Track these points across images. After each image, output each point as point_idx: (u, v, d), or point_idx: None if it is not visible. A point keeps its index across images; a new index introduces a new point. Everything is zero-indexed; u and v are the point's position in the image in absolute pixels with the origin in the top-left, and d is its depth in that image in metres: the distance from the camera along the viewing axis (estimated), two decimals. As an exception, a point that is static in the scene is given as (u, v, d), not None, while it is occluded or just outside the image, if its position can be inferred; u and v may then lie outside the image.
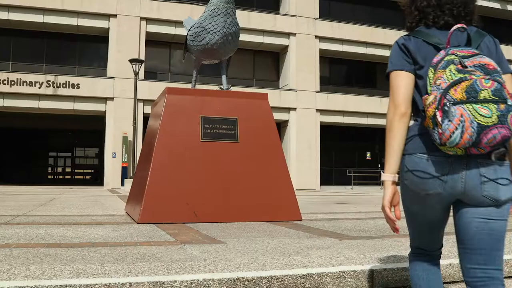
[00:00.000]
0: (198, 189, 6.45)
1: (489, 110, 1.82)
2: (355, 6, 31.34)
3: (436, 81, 1.93)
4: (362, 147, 30.30)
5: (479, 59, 1.93)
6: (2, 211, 7.93)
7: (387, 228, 5.82)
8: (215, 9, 7.06)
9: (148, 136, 7.73)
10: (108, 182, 24.34)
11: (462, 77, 1.88)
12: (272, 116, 7.30)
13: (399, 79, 2.12)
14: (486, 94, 1.83)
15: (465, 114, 1.83)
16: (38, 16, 24.28)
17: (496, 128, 1.82)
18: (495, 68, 1.91)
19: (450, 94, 1.87)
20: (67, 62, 25.94)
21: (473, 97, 1.84)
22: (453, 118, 1.84)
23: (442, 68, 1.94)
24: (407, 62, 2.14)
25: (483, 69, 1.90)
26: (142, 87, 24.15)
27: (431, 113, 1.91)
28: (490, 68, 1.90)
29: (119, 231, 5.38)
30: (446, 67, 1.93)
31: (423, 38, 2.15)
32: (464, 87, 1.85)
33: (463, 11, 2.18)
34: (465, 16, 2.18)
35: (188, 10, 25.43)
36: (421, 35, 2.16)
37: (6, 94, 23.40)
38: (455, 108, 1.84)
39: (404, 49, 2.17)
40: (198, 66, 7.93)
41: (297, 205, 6.91)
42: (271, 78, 29.40)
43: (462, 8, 2.17)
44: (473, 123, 1.82)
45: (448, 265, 3.60)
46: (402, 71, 2.13)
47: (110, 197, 13.65)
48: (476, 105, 1.83)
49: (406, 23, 2.38)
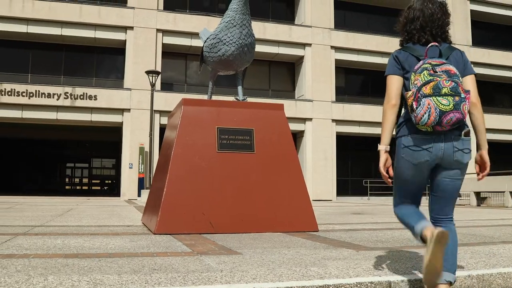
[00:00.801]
0: (214, 199, 6.45)
1: (448, 100, 2.78)
2: (370, 16, 31.33)
3: (414, 82, 2.90)
4: (378, 157, 30.13)
5: (445, 66, 2.89)
6: (20, 222, 8.00)
7: (404, 239, 5.77)
8: (231, 20, 7.09)
9: (164, 147, 7.76)
10: (124, 192, 24.47)
11: (431, 78, 2.83)
12: (288, 126, 7.29)
13: (392, 81, 3.09)
14: (446, 90, 2.79)
15: (431, 103, 2.79)
16: (57, 29, 24.61)
17: (452, 112, 2.79)
18: (455, 73, 2.87)
19: (422, 90, 2.84)
20: (84, 74, 26.21)
21: (437, 92, 2.80)
22: (423, 106, 2.81)
23: (419, 72, 2.90)
24: (398, 69, 3.11)
25: (447, 73, 2.85)
26: (158, 98, 24.31)
27: (410, 103, 2.91)
28: (452, 73, 2.86)
29: (136, 241, 5.40)
30: (422, 72, 2.89)
31: (409, 52, 3.11)
32: (432, 85, 2.82)
33: (439, 32, 3.13)
34: (441, 35, 3.14)
35: (204, 22, 25.61)
36: (408, 50, 3.12)
37: (25, 106, 23.70)
38: (424, 99, 2.82)
39: (396, 59, 3.13)
40: (214, 77, 7.96)
41: (314, 216, 6.88)
42: (286, 88, 29.42)
43: (438, 30, 3.13)
44: (436, 109, 2.78)
45: (467, 276, 3.56)
46: (394, 75, 3.10)
47: (127, 208, 13.70)
48: (439, 97, 2.79)
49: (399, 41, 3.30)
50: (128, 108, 24.76)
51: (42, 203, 15.82)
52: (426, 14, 3.12)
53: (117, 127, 26.46)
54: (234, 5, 7.11)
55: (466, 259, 4.24)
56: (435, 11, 3.12)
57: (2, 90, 23.28)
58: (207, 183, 6.51)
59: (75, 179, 52.71)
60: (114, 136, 29.58)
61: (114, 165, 48.04)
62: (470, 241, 5.76)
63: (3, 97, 23.30)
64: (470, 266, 3.88)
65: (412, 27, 3.16)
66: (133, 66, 24.99)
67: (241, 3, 7.06)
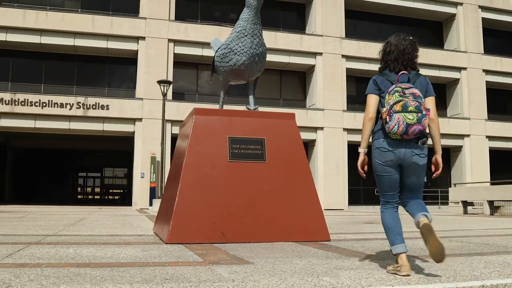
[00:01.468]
0: (226, 209, 6.45)
1: (413, 116, 3.68)
2: (381, 25, 31.31)
3: (388, 101, 3.81)
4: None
5: (412, 90, 3.80)
6: (33, 231, 8.05)
7: (417, 249, 5.74)
8: (242, 30, 7.12)
9: (176, 157, 7.78)
10: (136, 202, 24.54)
11: (401, 99, 3.73)
12: (299, 135, 7.29)
13: (371, 99, 4.04)
14: (412, 108, 3.69)
15: (400, 118, 3.69)
16: (69, 40, 24.83)
17: (416, 125, 3.69)
18: (419, 95, 3.78)
19: (394, 107, 3.73)
20: (97, 84, 26.40)
21: (405, 109, 3.69)
22: (394, 119, 3.71)
23: (392, 94, 3.81)
24: (375, 89, 4.04)
25: (413, 95, 3.76)
26: (170, 108, 24.41)
27: (384, 117, 3.81)
28: (417, 95, 3.77)
29: (147, 251, 5.40)
30: (394, 93, 3.80)
31: (385, 77, 4.04)
32: (401, 104, 3.71)
33: (409, 63, 4.05)
34: (410, 65, 4.05)
35: (215, 32, 25.70)
36: (385, 75, 4.06)
37: (38, 116, 23.89)
38: (395, 115, 3.71)
39: (375, 82, 4.07)
40: (225, 87, 7.98)
41: (325, 225, 6.86)
42: (298, 97, 29.43)
43: (408, 62, 4.04)
44: (404, 122, 3.68)
45: (481, 286, 3.53)
46: (373, 94, 4.05)
47: (139, 217, 13.74)
48: (406, 113, 3.69)
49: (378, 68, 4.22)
50: (140, 117, 24.88)
51: (55, 213, 15.90)
52: (400, 49, 4.03)
53: (129, 136, 26.58)
54: (245, 15, 7.14)
55: (480, 268, 4.20)
56: (407, 47, 4.04)
57: (15, 100, 23.50)
58: (219, 193, 6.51)
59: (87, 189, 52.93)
60: (126, 146, 29.71)
61: (126, 174, 48.21)
62: (484, 250, 5.71)
63: (16, 107, 23.52)
64: (484, 276, 3.85)
65: (389, 58, 4.08)
66: (145, 76, 25.14)
67: (252, 13, 7.09)
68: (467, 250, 5.71)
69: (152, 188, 24.28)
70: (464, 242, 6.71)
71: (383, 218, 4.02)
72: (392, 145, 3.83)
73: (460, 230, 9.50)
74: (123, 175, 49.95)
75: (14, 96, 23.56)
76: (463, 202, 19.12)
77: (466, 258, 4.94)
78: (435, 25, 32.61)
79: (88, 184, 53.08)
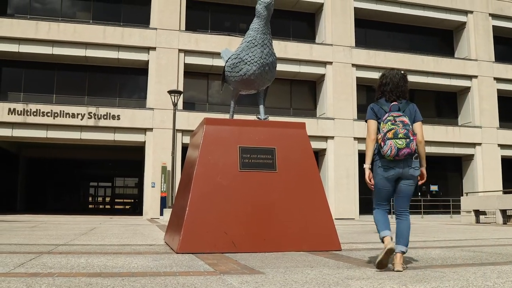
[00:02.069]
0: (236, 219, 6.45)
1: (402, 141, 4.47)
2: (391, 34, 31.32)
3: (382, 129, 4.63)
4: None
5: (401, 118, 4.60)
6: (44, 240, 8.08)
7: (428, 258, 5.70)
8: (252, 40, 7.14)
9: (186, 166, 7.80)
10: (147, 211, 24.59)
11: (392, 127, 4.53)
12: (309, 145, 7.29)
13: (371, 123, 4.83)
14: (401, 135, 4.48)
15: (392, 143, 4.49)
16: (81, 50, 25.05)
17: (405, 149, 4.48)
18: (408, 123, 4.58)
19: (387, 135, 4.54)
20: (108, 94, 26.57)
21: (396, 136, 4.48)
22: (387, 145, 4.51)
23: (385, 122, 4.62)
24: (374, 115, 4.84)
25: (402, 123, 4.56)
26: (180, 118, 24.49)
27: (379, 142, 4.62)
28: (405, 123, 4.57)
29: (158, 261, 5.41)
30: (387, 122, 4.61)
31: (380, 106, 4.85)
32: (392, 132, 4.51)
33: (401, 94, 4.88)
34: (402, 96, 4.88)
35: (226, 42, 25.83)
36: (380, 104, 4.87)
37: (50, 126, 24.07)
38: (388, 141, 4.51)
39: (372, 110, 4.88)
40: (236, 97, 8.00)
41: (336, 235, 6.84)
42: (308, 107, 29.43)
43: (400, 94, 4.87)
44: (395, 147, 4.47)
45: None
46: (372, 119, 4.85)
47: (149, 227, 13.76)
48: (397, 139, 4.47)
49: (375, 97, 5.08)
50: (151, 127, 24.98)
51: (66, 222, 15.97)
52: (394, 82, 4.87)
53: (140, 146, 26.69)
54: (255, 25, 7.17)
55: (493, 278, 4.16)
56: (400, 81, 4.88)
57: (28, 111, 23.70)
58: (229, 202, 6.51)
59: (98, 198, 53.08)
60: (137, 155, 29.83)
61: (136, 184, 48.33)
62: (497, 260, 5.66)
63: (28, 117, 23.71)
64: (497, 286, 3.82)
65: (385, 89, 4.92)
66: (155, 86, 25.26)
67: (262, 23, 7.12)
68: (480, 260, 5.66)
69: (162, 198, 24.32)
70: (476, 252, 6.65)
71: (375, 215, 4.88)
72: (391, 163, 4.66)
73: (472, 239, 9.42)
74: (134, 185, 50.03)
75: (26, 107, 23.76)
76: (475, 211, 18.97)
77: (479, 268, 4.89)
78: (445, 34, 32.54)
79: (99, 194, 53.21)
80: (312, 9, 29.68)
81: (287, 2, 28.44)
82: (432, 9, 30.60)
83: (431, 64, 29.82)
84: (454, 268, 4.88)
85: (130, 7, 27.54)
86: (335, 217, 23.48)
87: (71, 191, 46.68)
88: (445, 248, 7.34)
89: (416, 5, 30.25)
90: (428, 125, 29.30)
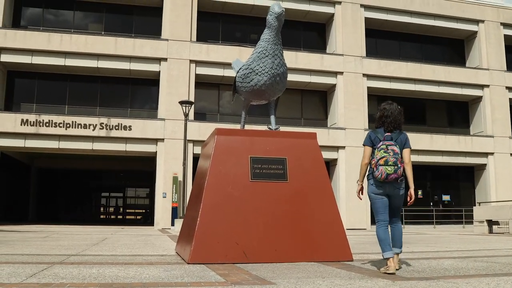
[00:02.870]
0: (248, 229, 6.44)
1: (391, 168, 5.37)
2: (402, 43, 31.28)
3: (376, 155, 5.50)
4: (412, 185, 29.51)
5: (392, 147, 5.45)
6: (56, 251, 8.12)
7: (441, 269, 5.66)
8: (263, 50, 7.17)
9: (198, 177, 7.81)
10: (158, 222, 24.62)
11: (385, 155, 5.41)
12: (321, 155, 7.28)
13: (367, 149, 5.68)
14: (391, 163, 5.37)
15: (383, 169, 5.39)
16: (93, 61, 25.25)
17: (393, 174, 5.37)
18: (397, 152, 5.44)
19: (379, 161, 5.43)
20: (119, 104, 26.72)
21: (386, 163, 5.38)
22: (379, 170, 5.41)
23: (379, 150, 5.49)
24: (370, 142, 5.67)
25: (393, 151, 5.43)
26: (191, 128, 24.56)
27: (373, 167, 5.52)
28: (396, 152, 5.44)
29: (169, 271, 5.41)
30: (380, 150, 5.48)
31: (376, 134, 5.66)
32: (384, 159, 5.40)
33: (398, 126, 5.67)
34: (397, 127, 5.68)
35: (236, 52, 25.91)
36: (377, 133, 5.68)
37: (62, 137, 24.22)
38: (380, 167, 5.41)
39: (370, 137, 5.70)
40: (247, 107, 8.02)
41: (348, 245, 6.81)
42: (319, 117, 29.41)
43: (396, 125, 5.66)
44: (385, 172, 5.38)
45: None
46: (368, 146, 5.68)
47: (161, 237, 13.77)
48: (387, 166, 5.37)
49: (374, 125, 5.87)
50: (162, 138, 25.07)
51: (78, 232, 16.03)
52: (394, 116, 5.68)
53: (151, 156, 26.77)
54: (266, 36, 7.20)
55: (506, 290, 4.12)
56: (398, 115, 5.72)
57: (40, 122, 23.87)
58: (241, 213, 6.52)
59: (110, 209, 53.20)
60: (148, 166, 29.91)
61: (148, 194, 48.43)
62: (511, 271, 5.61)
63: (41, 128, 23.88)
64: (511, 297, 3.77)
65: (385, 120, 5.71)
66: (166, 96, 25.37)
67: (272, 33, 7.14)
68: (493, 271, 5.61)
69: (174, 208, 24.33)
70: (490, 262, 6.59)
71: (378, 232, 5.59)
72: (382, 183, 5.54)
73: (485, 249, 9.34)
74: (145, 195, 50.13)
75: (39, 118, 23.95)
76: (488, 221, 18.82)
77: (492, 279, 4.85)
78: (456, 43, 32.44)
79: (110, 204, 53.34)
80: (322, 19, 29.74)
81: (298, 12, 28.52)
82: (443, 19, 30.54)
83: (442, 74, 29.72)
84: (467, 279, 4.84)
85: (141, 18, 27.75)
86: (347, 227, 23.36)
87: (82, 202, 46.85)
88: (458, 258, 7.28)
89: (426, 15, 30.22)
90: (440, 135, 29.16)
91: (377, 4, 29.43)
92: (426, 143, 28.40)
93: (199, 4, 27.14)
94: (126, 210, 52.09)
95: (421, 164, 28.98)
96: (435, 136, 28.86)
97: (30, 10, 27.20)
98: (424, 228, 26.07)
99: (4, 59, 24.59)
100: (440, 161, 29.11)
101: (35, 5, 27.03)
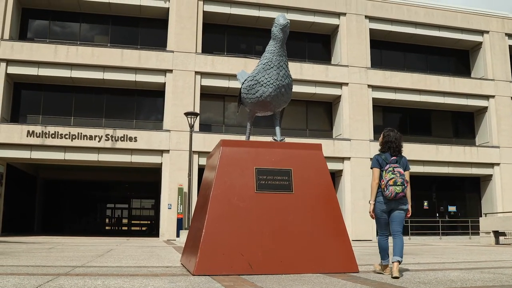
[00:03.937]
0: (253, 240, 6.43)
1: (399, 188, 6.21)
2: (407, 54, 31.32)
3: (385, 176, 6.35)
4: (418, 195, 29.40)
5: (398, 169, 6.36)
6: (62, 262, 8.12)
7: (447, 280, 5.63)
8: (268, 62, 7.20)
9: (203, 188, 7.82)
10: (163, 233, 24.60)
11: (393, 176, 6.27)
12: (326, 166, 7.28)
13: (375, 171, 6.55)
14: (399, 183, 6.22)
15: (392, 189, 6.22)
16: (99, 73, 25.38)
17: (400, 193, 6.23)
18: (403, 173, 6.32)
19: (388, 182, 6.27)
20: (125, 116, 26.82)
21: (395, 184, 6.22)
22: (389, 190, 6.25)
23: (387, 172, 6.35)
24: (378, 165, 6.55)
25: (399, 173, 6.29)
26: (197, 139, 24.60)
27: (383, 187, 6.38)
28: (401, 173, 6.30)
29: (175, 282, 5.40)
30: (388, 172, 6.34)
31: (383, 158, 6.55)
32: (393, 180, 6.24)
33: (399, 149, 6.59)
34: (399, 151, 6.59)
35: (242, 64, 26.00)
36: (383, 156, 6.56)
37: (68, 148, 24.30)
38: (389, 187, 6.25)
39: (377, 160, 6.57)
40: (252, 118, 8.04)
41: (354, 256, 6.79)
42: (324, 128, 29.41)
43: (398, 149, 6.57)
44: (394, 192, 6.22)
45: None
46: (376, 168, 6.55)
47: (166, 249, 13.76)
48: (396, 186, 6.21)
49: (378, 150, 6.75)
50: (167, 149, 25.11)
51: (83, 244, 16.02)
52: (397, 141, 6.54)
53: (157, 168, 26.81)
54: (271, 47, 7.23)
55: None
56: (398, 141, 6.57)
57: (46, 133, 23.97)
58: (246, 224, 6.51)
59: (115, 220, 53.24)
60: (154, 177, 29.95)
61: (153, 205, 48.46)
62: (518, 283, 5.56)
63: (47, 139, 23.97)
64: (518, 309, 3.75)
65: (390, 145, 6.54)
66: (172, 108, 25.45)
67: (278, 45, 7.17)
68: (500, 282, 5.58)
69: (179, 219, 24.33)
70: (496, 274, 6.55)
71: (379, 242, 6.59)
72: (387, 201, 6.38)
73: (492, 261, 9.28)
74: (151, 206, 50.20)
75: (45, 129, 24.05)
76: (494, 232, 18.72)
77: (499, 291, 4.82)
78: (461, 54, 32.46)
79: (115, 215, 53.40)
80: (327, 30, 29.84)
81: (303, 24, 28.63)
82: (447, 30, 30.59)
83: (447, 84, 29.72)
84: (474, 291, 4.81)
85: (147, 30, 27.92)
86: (352, 239, 23.29)
87: (88, 213, 46.94)
88: (464, 270, 7.24)
89: (431, 26, 30.27)
90: (445, 146, 29.10)
91: (381, 15, 29.53)
92: (432, 154, 28.35)
93: (205, 16, 27.29)
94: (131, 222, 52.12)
95: (427, 175, 28.92)
96: (440, 146, 28.80)
97: (36, 22, 27.42)
98: (430, 239, 25.96)
99: (10, 71, 24.76)
100: (446, 172, 29.03)
101: (42, 17, 27.25)
